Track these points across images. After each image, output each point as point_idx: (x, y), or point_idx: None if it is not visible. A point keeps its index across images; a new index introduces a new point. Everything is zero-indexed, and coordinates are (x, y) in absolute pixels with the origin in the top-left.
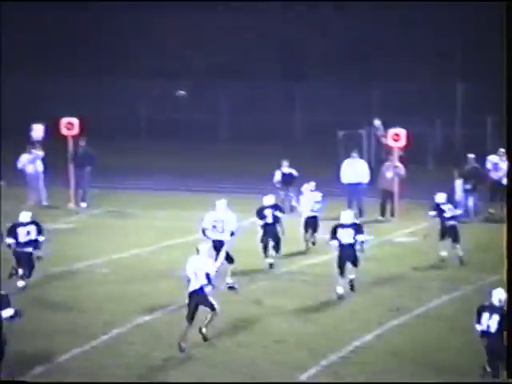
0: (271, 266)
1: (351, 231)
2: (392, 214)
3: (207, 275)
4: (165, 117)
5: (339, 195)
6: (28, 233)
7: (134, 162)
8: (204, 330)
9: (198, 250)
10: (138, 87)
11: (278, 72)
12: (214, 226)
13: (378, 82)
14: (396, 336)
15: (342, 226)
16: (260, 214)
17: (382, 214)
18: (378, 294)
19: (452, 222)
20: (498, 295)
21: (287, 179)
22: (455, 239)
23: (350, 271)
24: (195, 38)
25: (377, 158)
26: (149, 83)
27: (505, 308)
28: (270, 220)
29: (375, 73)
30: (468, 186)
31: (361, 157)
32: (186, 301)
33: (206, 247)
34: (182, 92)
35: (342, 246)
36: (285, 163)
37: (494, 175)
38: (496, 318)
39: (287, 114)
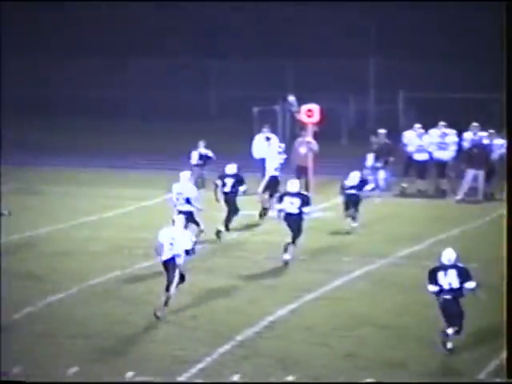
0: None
1: (297, 200)
2: (307, 190)
3: (186, 251)
4: (77, 93)
5: (255, 171)
6: None
7: (41, 139)
8: (159, 312)
9: (173, 222)
10: (48, 64)
11: (192, 48)
12: (177, 199)
13: (291, 59)
14: (311, 311)
15: (289, 194)
16: (221, 180)
17: None
18: (295, 269)
19: (352, 192)
20: (448, 255)
21: (204, 160)
22: (355, 209)
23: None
24: None
25: (291, 133)
26: (60, 60)
27: (458, 264)
28: (228, 189)
29: (289, 49)
30: (379, 161)
31: (275, 133)
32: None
33: (182, 219)
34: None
35: (286, 214)
36: (201, 144)
37: (409, 149)
38: (453, 272)
39: (202, 90)
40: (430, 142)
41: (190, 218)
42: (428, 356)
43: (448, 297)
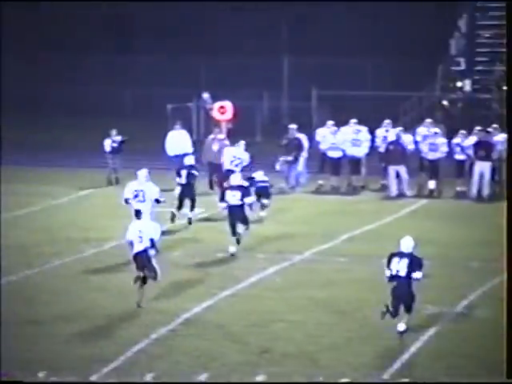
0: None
1: (239, 193)
2: (220, 187)
3: (151, 240)
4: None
5: (169, 168)
6: None
7: None
8: (142, 304)
9: (139, 214)
10: None
11: (105, 44)
12: (136, 196)
13: (206, 56)
14: (226, 308)
15: (231, 187)
16: (178, 173)
17: (211, 186)
18: (210, 265)
19: (262, 184)
20: (406, 243)
21: (117, 147)
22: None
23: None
24: None
25: (206, 130)
26: None
27: (414, 253)
28: (183, 181)
29: (204, 47)
30: (290, 157)
31: (190, 130)
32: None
33: (149, 209)
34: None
35: (230, 207)
36: (114, 132)
37: (323, 147)
38: (405, 261)
39: (116, 87)
40: (343, 139)
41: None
42: (340, 350)
43: (394, 283)
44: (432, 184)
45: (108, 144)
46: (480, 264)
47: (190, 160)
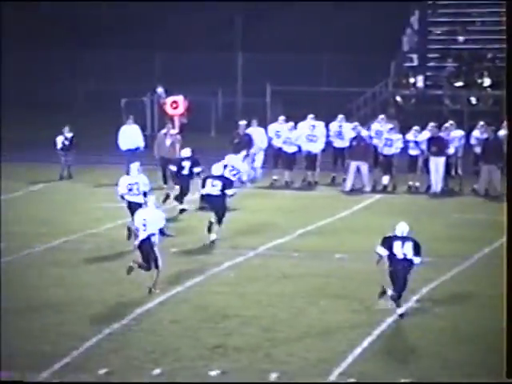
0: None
1: (219, 183)
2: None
3: (160, 230)
4: None
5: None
6: None
7: None
8: (154, 290)
9: (145, 203)
10: None
11: (59, 39)
12: (130, 189)
13: (161, 51)
14: (180, 303)
15: (212, 177)
16: (178, 164)
17: (165, 181)
18: (164, 261)
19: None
20: (401, 228)
21: (69, 144)
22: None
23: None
24: None
25: (160, 125)
26: None
27: (414, 238)
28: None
29: (158, 41)
30: (242, 153)
31: (144, 125)
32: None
33: (153, 199)
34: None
35: (209, 196)
36: (66, 129)
37: (276, 143)
38: (409, 245)
39: (69, 82)
40: (298, 134)
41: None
42: (295, 345)
43: (399, 266)
44: (386, 179)
45: (60, 141)
46: (432, 259)
47: (187, 152)
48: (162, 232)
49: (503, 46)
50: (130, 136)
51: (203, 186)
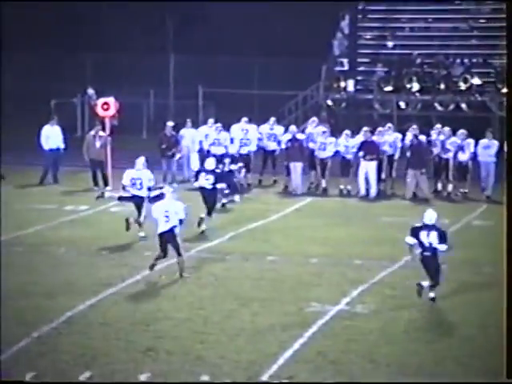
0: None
1: (211, 177)
2: (105, 184)
3: (180, 220)
4: None
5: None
6: None
7: None
8: (184, 274)
9: (163, 195)
10: None
11: None
12: (133, 183)
13: (92, 52)
14: (111, 306)
15: (204, 171)
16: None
17: (95, 183)
18: (95, 263)
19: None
20: (429, 215)
21: None
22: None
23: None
24: None
25: (91, 127)
26: None
27: (437, 225)
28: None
29: (89, 43)
30: (169, 153)
31: (75, 126)
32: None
33: (170, 190)
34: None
35: (202, 188)
36: None
37: (205, 145)
38: (434, 234)
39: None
40: (228, 136)
41: (140, 203)
42: (226, 348)
43: (428, 254)
44: (324, 182)
45: None
46: (362, 261)
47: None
48: (181, 222)
49: (431, 52)
50: (52, 136)
51: (196, 179)
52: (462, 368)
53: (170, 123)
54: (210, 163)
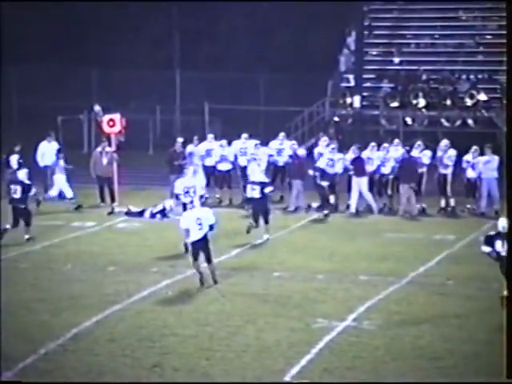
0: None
1: (258, 187)
2: (112, 200)
3: (210, 226)
4: None
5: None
6: None
7: None
8: (216, 282)
9: (192, 203)
10: None
11: None
12: (187, 192)
13: (98, 68)
14: (117, 322)
15: (251, 182)
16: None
17: (102, 199)
18: (101, 279)
19: None
20: (502, 223)
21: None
22: None
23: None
24: None
25: (97, 143)
26: None
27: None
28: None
29: (96, 58)
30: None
31: (81, 142)
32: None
33: (197, 198)
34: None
35: (251, 199)
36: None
37: (210, 161)
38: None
39: (3, 98)
40: (234, 152)
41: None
42: (232, 364)
43: (505, 264)
44: (333, 199)
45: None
46: (368, 278)
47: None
48: (211, 227)
49: (437, 68)
50: (48, 152)
51: (244, 191)
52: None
53: (180, 139)
54: (257, 174)
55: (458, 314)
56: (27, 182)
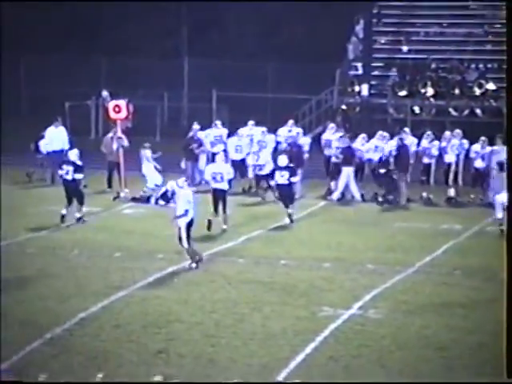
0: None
1: (286, 173)
2: (120, 186)
3: (229, 180)
4: None
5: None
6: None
7: None
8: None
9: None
10: None
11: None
12: (214, 178)
13: (106, 55)
14: (123, 308)
15: (279, 168)
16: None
17: (109, 185)
18: (107, 265)
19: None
20: (502, 198)
21: None
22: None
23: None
24: None
25: (105, 129)
26: None
27: None
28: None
29: (104, 45)
30: (194, 156)
31: (89, 128)
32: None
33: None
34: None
35: (279, 185)
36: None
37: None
38: None
39: (12, 86)
40: (246, 143)
41: (221, 196)
42: (238, 351)
43: None
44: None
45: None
46: (375, 267)
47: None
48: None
49: (446, 57)
50: (55, 138)
51: (272, 178)
52: (473, 375)
53: (197, 126)
54: (283, 160)
55: (464, 304)
56: (79, 162)
